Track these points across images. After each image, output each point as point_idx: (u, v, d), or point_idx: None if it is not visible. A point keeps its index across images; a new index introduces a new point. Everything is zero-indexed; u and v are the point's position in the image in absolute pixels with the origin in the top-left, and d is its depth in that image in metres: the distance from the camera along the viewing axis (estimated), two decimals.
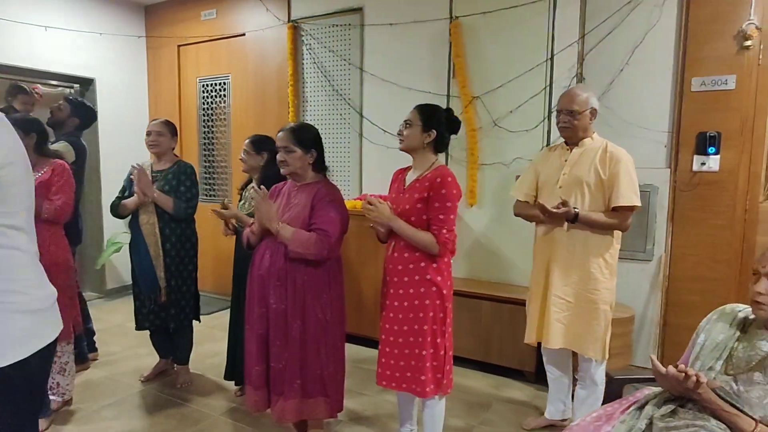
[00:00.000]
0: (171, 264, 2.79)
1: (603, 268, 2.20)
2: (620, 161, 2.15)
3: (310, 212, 2.04)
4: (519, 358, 3.04)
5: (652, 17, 2.90)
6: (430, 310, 1.94)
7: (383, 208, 1.96)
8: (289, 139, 2.08)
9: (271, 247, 2.05)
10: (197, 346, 3.17)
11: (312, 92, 4.13)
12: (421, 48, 3.60)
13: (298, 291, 2.01)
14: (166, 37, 4.80)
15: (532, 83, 3.22)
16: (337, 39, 3.96)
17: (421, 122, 2.00)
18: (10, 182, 1.18)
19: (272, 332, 2.03)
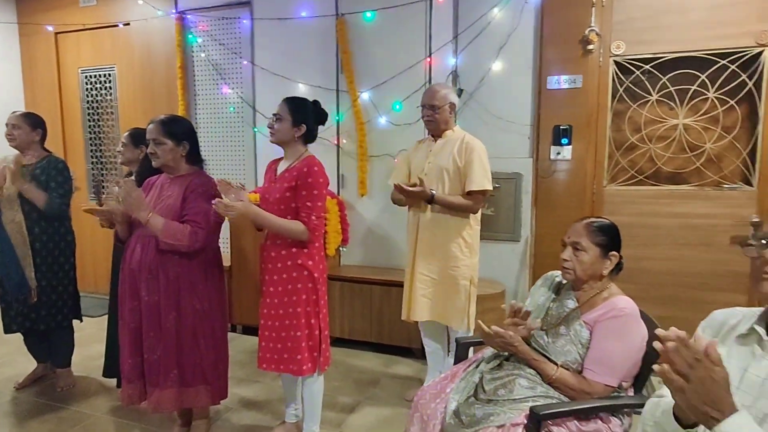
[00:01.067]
0: (42, 264, 2.66)
1: (463, 247, 2.44)
2: (474, 150, 2.40)
3: (182, 204, 2.07)
4: (408, 336, 3.26)
5: (514, 21, 3.21)
6: (303, 293, 2.06)
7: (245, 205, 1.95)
8: (159, 131, 2.09)
9: (142, 240, 2.06)
10: (83, 348, 3.06)
11: (203, 85, 4.08)
12: (310, 43, 3.68)
13: (171, 283, 2.04)
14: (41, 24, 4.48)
15: (414, 79, 3.43)
16: (226, 32, 3.93)
17: (291, 117, 2.10)
18: None
19: (145, 324, 2.04)
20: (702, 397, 0.88)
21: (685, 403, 0.91)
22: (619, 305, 1.56)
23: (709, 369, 0.87)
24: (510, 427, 1.46)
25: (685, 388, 0.89)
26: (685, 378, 0.89)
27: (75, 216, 2.87)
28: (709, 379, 0.87)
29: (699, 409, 0.89)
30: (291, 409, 2.38)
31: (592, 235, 1.62)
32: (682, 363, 0.88)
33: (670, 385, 0.91)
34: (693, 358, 0.87)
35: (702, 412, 0.89)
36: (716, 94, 2.93)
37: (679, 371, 0.89)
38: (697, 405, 0.89)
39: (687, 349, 0.88)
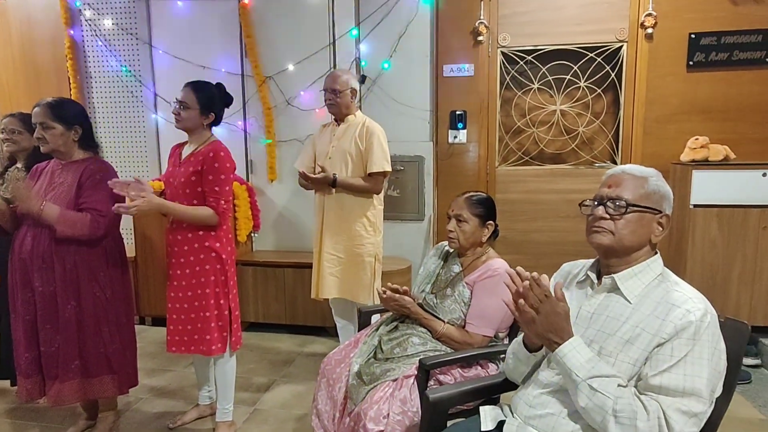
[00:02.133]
0: None
1: (367, 226, 2.59)
2: (374, 134, 2.55)
3: (77, 192, 2.01)
4: (321, 316, 3.37)
5: (411, 11, 3.39)
6: (211, 275, 2.10)
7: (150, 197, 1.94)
8: (47, 115, 2.00)
9: (32, 230, 1.97)
10: None
11: (96, 68, 3.85)
12: (212, 25, 3.61)
13: (69, 272, 1.98)
14: None
15: (319, 65, 3.50)
16: (120, 11, 3.74)
17: (198, 106, 2.09)
18: None
19: (41, 316, 1.97)
20: (547, 327, 1.12)
21: (533, 331, 1.17)
22: (494, 266, 1.79)
23: (554, 304, 1.12)
24: (403, 379, 1.64)
25: (535, 318, 1.13)
26: (536, 310, 1.12)
27: None
28: (553, 312, 1.12)
29: (544, 336, 1.14)
30: (204, 392, 2.42)
31: (471, 207, 1.84)
32: (533, 298, 1.12)
33: (522, 317, 1.15)
34: (543, 295, 1.10)
35: (546, 338, 1.14)
36: (586, 83, 3.33)
37: (531, 305, 1.12)
38: (543, 333, 1.14)
39: (538, 287, 1.11)
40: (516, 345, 1.35)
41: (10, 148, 2.51)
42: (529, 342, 1.29)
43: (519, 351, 1.33)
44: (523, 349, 1.30)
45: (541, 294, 1.12)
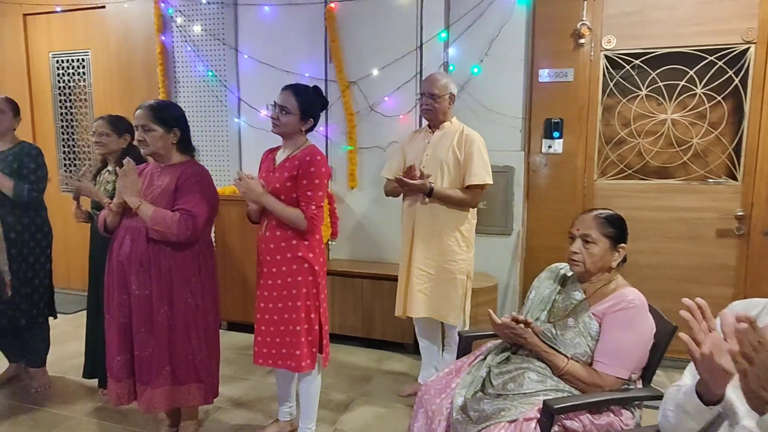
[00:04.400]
0: (18, 255, 2.51)
1: (459, 241, 2.41)
2: (474, 143, 2.37)
3: (174, 194, 1.97)
4: (399, 331, 3.22)
5: (506, 13, 3.19)
6: (303, 287, 1.99)
7: (254, 184, 1.96)
8: (149, 117, 1.98)
9: (132, 231, 1.95)
10: (58, 347, 2.91)
11: (184, 72, 3.92)
12: (297, 31, 3.58)
13: (163, 276, 1.94)
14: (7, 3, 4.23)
15: (404, 70, 3.38)
16: (209, 17, 3.79)
17: (299, 111, 2.01)
18: None
19: (135, 319, 1.94)
20: (762, 382, 0.87)
21: (744, 386, 0.90)
22: (629, 297, 1.55)
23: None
24: (523, 422, 1.43)
25: (747, 371, 0.88)
26: (750, 361, 0.87)
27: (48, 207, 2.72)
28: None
29: (755, 393, 0.88)
30: (285, 407, 2.31)
31: (601, 226, 1.61)
32: (747, 346, 0.87)
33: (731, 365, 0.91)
34: (757, 342, 0.86)
35: (758, 396, 0.88)
36: (704, 89, 2.98)
37: (743, 353, 0.88)
38: (756, 389, 0.88)
39: (754, 332, 0.87)
40: (683, 395, 1.11)
41: (100, 150, 2.55)
42: (704, 391, 1.04)
43: (688, 402, 1.08)
44: (696, 400, 1.06)
45: (756, 340, 0.87)
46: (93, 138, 2.53)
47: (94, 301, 2.54)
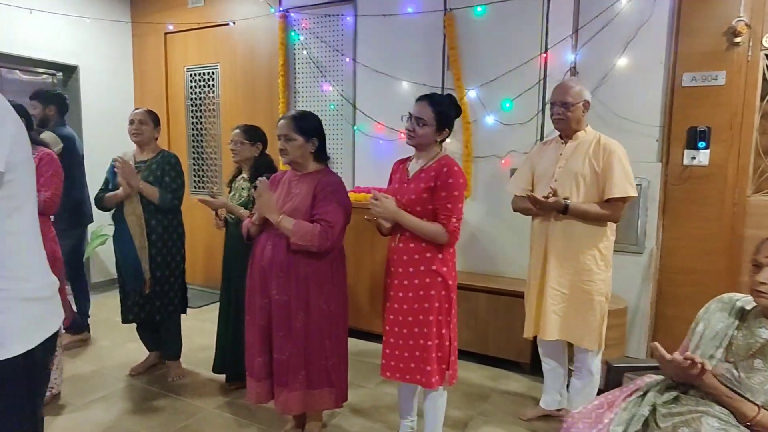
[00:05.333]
0: (157, 255, 2.73)
1: (598, 260, 2.23)
2: (613, 153, 2.18)
3: (312, 203, 2.02)
4: (515, 349, 3.07)
5: (644, 12, 2.94)
6: (435, 301, 1.94)
7: (389, 204, 1.95)
8: (290, 127, 2.05)
9: (273, 239, 2.03)
10: (188, 340, 3.12)
11: (303, 83, 4.09)
12: (415, 39, 3.58)
13: (301, 282, 2.00)
14: (152, 23, 4.69)
15: (526, 76, 3.24)
16: (329, 29, 3.91)
17: (436, 122, 1.97)
18: (15, 166, 1.13)
19: (275, 323, 2.01)
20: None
21: None
22: None
23: None
24: None
25: None
26: None
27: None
28: None
29: None
30: (407, 421, 2.28)
31: None
32: None
33: None
34: None
35: None
36: None
37: None
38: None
39: None
40: None
41: (235, 158, 2.70)
42: None
43: None
44: None
45: None
46: (230, 146, 2.68)
47: (226, 302, 2.69)
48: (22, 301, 1.17)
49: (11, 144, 1.10)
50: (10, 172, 1.10)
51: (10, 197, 1.13)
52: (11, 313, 1.14)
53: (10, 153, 1.09)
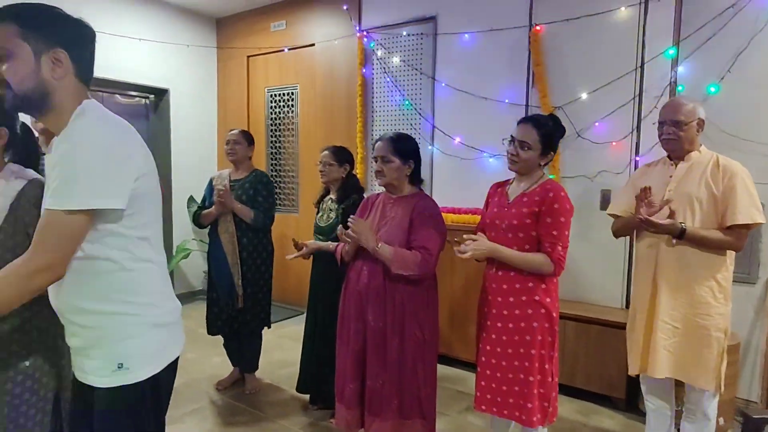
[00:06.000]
0: (247, 272, 2.81)
1: (716, 292, 2.03)
2: (736, 175, 1.99)
3: (409, 227, 1.98)
4: (607, 383, 2.87)
5: (758, 21, 2.71)
6: (538, 334, 1.84)
7: (482, 242, 1.87)
8: (388, 149, 2.03)
9: (369, 264, 2.00)
10: (267, 354, 3.17)
11: (381, 102, 4.11)
12: (497, 56, 3.51)
13: (397, 308, 1.95)
14: (236, 48, 4.91)
15: (620, 93, 3.07)
16: (408, 48, 3.92)
17: (541, 146, 1.89)
18: (143, 193, 1.17)
19: (369, 350, 1.97)
20: None
21: None
22: None
23: None
24: None
25: None
26: None
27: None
28: None
29: None
30: None
31: None
32: None
33: None
34: None
35: None
36: None
37: None
38: None
39: None
40: None
41: (323, 179, 2.72)
42: None
43: None
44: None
45: None
46: (318, 167, 2.71)
47: (312, 322, 2.70)
48: (152, 327, 1.20)
49: (137, 179, 1.13)
50: (134, 204, 1.13)
51: (137, 227, 1.16)
52: (142, 338, 1.17)
53: (135, 188, 1.12)
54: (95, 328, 1.14)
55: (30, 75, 1.07)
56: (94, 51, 1.19)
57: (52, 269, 1.04)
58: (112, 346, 1.14)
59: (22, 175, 1.38)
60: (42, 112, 1.13)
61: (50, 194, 1.05)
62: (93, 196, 1.04)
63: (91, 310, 1.12)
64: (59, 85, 1.11)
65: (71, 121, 1.10)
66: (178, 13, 4.73)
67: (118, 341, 1.14)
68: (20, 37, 1.06)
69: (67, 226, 1.04)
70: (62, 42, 1.10)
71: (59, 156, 1.06)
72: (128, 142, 1.13)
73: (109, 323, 1.13)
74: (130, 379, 1.14)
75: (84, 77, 1.16)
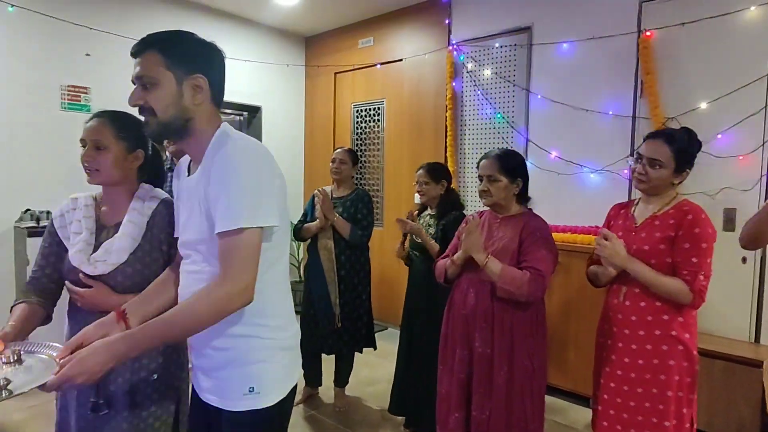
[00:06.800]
0: (345, 290, 2.78)
1: None
2: None
3: (518, 249, 1.87)
4: (735, 423, 2.54)
5: None
6: (675, 374, 1.64)
7: (619, 247, 1.70)
8: (495, 167, 1.94)
9: (475, 285, 1.90)
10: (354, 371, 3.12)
11: (471, 116, 4.01)
12: (600, 65, 3.30)
13: (505, 334, 1.84)
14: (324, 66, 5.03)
15: (747, 102, 2.76)
16: (500, 60, 3.80)
17: (675, 163, 1.71)
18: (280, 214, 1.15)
19: (476, 377, 1.86)
20: None
21: None
22: None
23: None
24: None
25: None
26: None
27: None
28: None
29: None
30: None
31: None
32: None
33: None
34: None
35: None
36: None
37: None
38: None
39: None
40: None
41: (422, 199, 2.66)
42: None
43: None
44: None
45: None
46: (416, 187, 2.66)
47: (406, 342, 2.62)
48: (280, 350, 1.17)
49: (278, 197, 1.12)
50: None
51: (273, 248, 1.14)
52: (272, 362, 1.15)
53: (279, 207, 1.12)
54: (227, 350, 1.13)
55: (173, 102, 1.09)
56: (224, 75, 1.20)
57: (245, 291, 1.03)
58: (243, 369, 1.13)
59: (155, 195, 1.43)
60: (182, 138, 1.14)
61: (220, 217, 1.04)
62: (261, 214, 1.05)
63: (226, 332, 1.12)
64: (198, 110, 1.12)
65: (217, 144, 1.10)
66: (271, 34, 4.93)
67: (249, 364, 1.13)
68: (164, 65, 1.08)
69: (249, 243, 1.03)
70: (201, 68, 1.11)
71: (219, 181, 1.06)
72: (272, 163, 1.13)
73: (242, 345, 1.12)
74: (261, 404, 1.12)
75: (217, 101, 1.17)
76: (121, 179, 1.38)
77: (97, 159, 1.32)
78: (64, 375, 0.95)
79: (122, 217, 1.36)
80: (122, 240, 1.32)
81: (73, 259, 1.32)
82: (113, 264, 1.30)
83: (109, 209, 1.40)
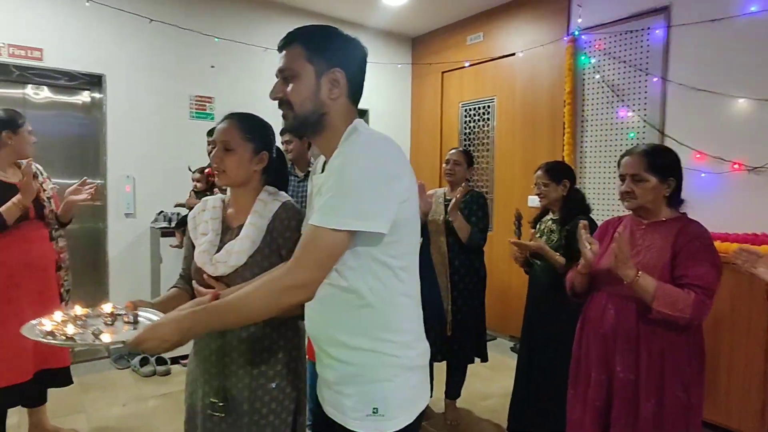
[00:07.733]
0: (458, 297, 2.65)
1: None
2: None
3: (671, 262, 1.59)
4: None
5: None
6: None
7: None
8: (641, 165, 1.68)
9: (615, 301, 1.67)
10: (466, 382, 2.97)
11: (593, 110, 3.65)
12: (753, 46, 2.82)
13: (654, 360, 1.58)
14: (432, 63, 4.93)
15: None
16: (630, 47, 3.41)
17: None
18: (405, 219, 1.07)
19: (617, 407, 1.63)
20: None
21: None
22: None
23: None
24: None
25: None
26: None
27: None
28: None
29: None
30: None
31: None
32: None
33: None
34: None
35: None
36: None
37: None
38: None
39: None
40: None
41: (542, 202, 2.44)
42: None
43: None
44: None
45: None
46: (534, 190, 2.45)
47: (526, 355, 2.43)
48: (407, 369, 1.08)
49: (402, 201, 1.03)
50: (396, 231, 1.03)
51: (397, 256, 1.06)
52: (397, 381, 1.06)
53: (398, 211, 1.02)
54: (352, 364, 1.06)
55: (311, 96, 1.07)
56: (365, 71, 1.15)
57: (305, 288, 1.00)
58: (367, 387, 1.05)
59: (277, 197, 1.41)
60: (316, 133, 1.11)
61: (317, 210, 1.01)
62: (359, 217, 0.98)
63: (349, 345, 1.05)
64: (334, 105, 1.09)
65: (344, 139, 1.06)
66: (378, 36, 4.94)
67: (373, 382, 1.05)
68: (305, 57, 1.07)
69: (329, 244, 0.98)
70: (340, 62, 1.08)
71: (331, 172, 1.02)
72: (399, 162, 1.05)
73: (367, 361, 1.05)
74: (387, 428, 1.03)
75: (354, 98, 1.13)
76: (246, 181, 1.38)
77: (224, 160, 1.33)
78: (139, 336, 0.98)
79: (246, 219, 1.36)
80: (242, 242, 1.32)
81: (198, 259, 1.35)
82: (233, 266, 1.30)
83: (235, 211, 1.41)
